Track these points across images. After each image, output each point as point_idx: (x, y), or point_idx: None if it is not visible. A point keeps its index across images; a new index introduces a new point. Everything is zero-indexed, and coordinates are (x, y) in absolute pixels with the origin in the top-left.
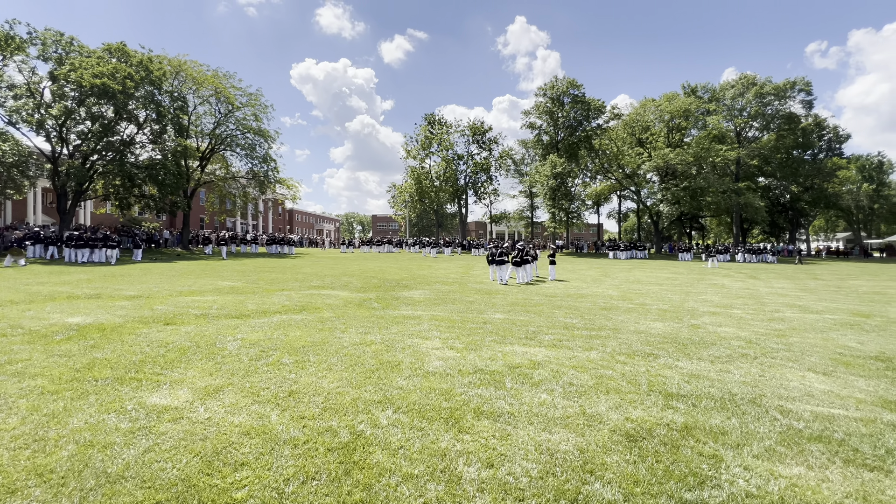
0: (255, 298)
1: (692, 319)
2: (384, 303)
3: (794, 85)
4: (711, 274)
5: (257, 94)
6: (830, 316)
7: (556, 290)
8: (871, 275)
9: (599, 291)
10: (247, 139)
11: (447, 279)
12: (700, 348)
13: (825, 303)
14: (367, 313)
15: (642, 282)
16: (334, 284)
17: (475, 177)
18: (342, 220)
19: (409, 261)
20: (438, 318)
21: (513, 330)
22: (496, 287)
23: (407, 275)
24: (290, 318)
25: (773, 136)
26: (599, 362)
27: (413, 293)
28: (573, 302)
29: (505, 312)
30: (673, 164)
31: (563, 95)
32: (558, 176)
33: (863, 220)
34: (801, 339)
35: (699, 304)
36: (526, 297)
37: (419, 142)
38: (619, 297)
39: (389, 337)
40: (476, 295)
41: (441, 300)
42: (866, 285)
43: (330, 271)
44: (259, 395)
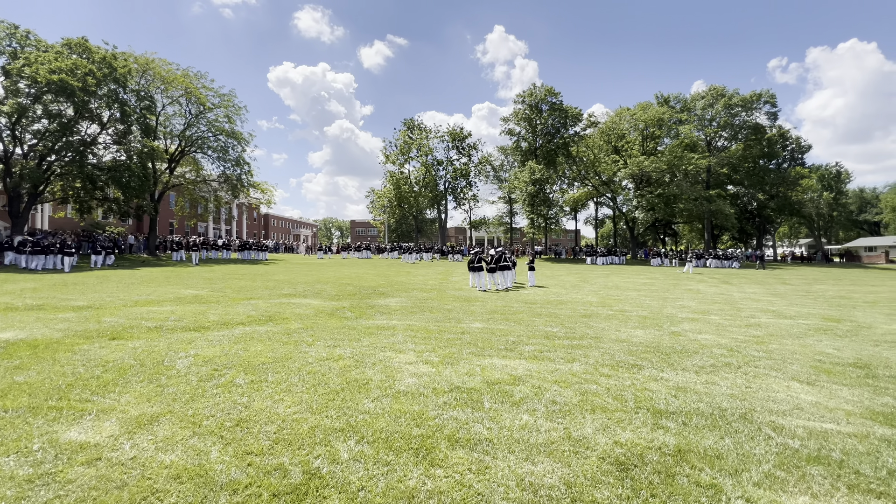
0: (218, 308)
1: (672, 326)
2: (358, 312)
3: (759, 97)
4: (686, 279)
5: (230, 96)
6: (804, 321)
7: (535, 297)
8: (835, 279)
9: (579, 298)
10: (219, 141)
11: (425, 286)
12: (683, 357)
13: (796, 308)
14: (339, 324)
15: (620, 287)
16: (307, 292)
17: (455, 182)
18: (320, 226)
19: (387, 267)
20: (414, 328)
21: (492, 340)
22: (475, 294)
23: (384, 282)
24: (253, 331)
25: (741, 146)
26: (583, 375)
27: (389, 301)
28: (553, 309)
29: (484, 321)
30: (648, 172)
31: (541, 103)
32: (537, 182)
33: (823, 227)
34: (779, 345)
35: (677, 311)
36: (505, 305)
37: (398, 146)
38: (599, 304)
39: (360, 351)
40: (454, 302)
41: (418, 308)
42: (832, 290)
43: (304, 278)
44: (201, 426)
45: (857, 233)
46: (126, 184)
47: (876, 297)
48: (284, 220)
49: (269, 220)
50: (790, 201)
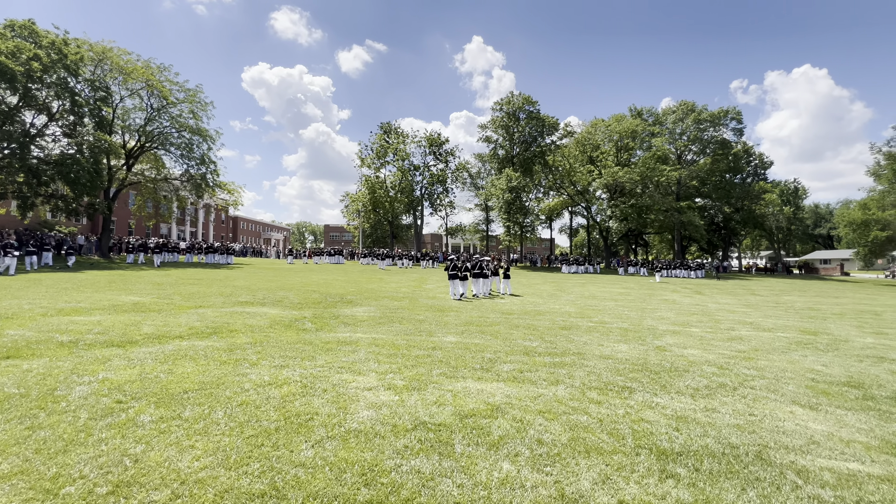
0: (157, 318)
1: (656, 340)
2: (320, 323)
3: (727, 113)
4: (661, 289)
5: (196, 91)
6: (782, 334)
7: (511, 307)
8: (800, 291)
9: (556, 308)
10: (182, 138)
11: (397, 294)
12: (674, 377)
13: (772, 319)
14: (295, 337)
15: (597, 297)
16: (266, 300)
17: (431, 188)
18: (293, 230)
19: (359, 273)
20: (380, 342)
21: (466, 358)
22: (450, 303)
23: (354, 289)
24: (190, 346)
25: (709, 160)
26: (570, 403)
27: (356, 310)
28: (531, 320)
29: (458, 334)
30: (622, 182)
31: (518, 111)
32: (514, 190)
33: (782, 240)
34: (768, 361)
35: (657, 323)
36: (481, 316)
37: (374, 150)
38: (578, 315)
39: (312, 372)
40: (427, 312)
41: (387, 319)
42: (799, 301)
43: (266, 284)
44: (57, 496)
45: (811, 246)
46: (75, 179)
47: (842, 308)
48: (255, 224)
49: (239, 223)
50: (754, 214)
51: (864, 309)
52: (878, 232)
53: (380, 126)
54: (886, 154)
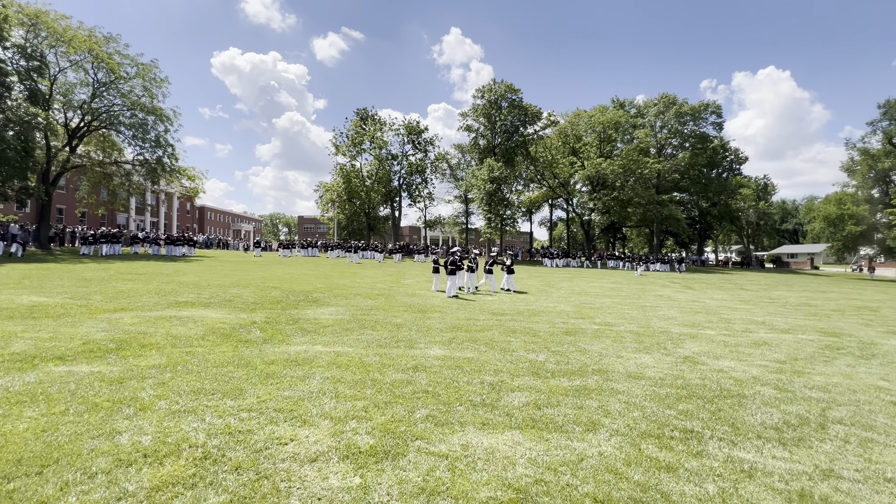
0: (48, 328)
1: (677, 348)
2: (271, 330)
3: (707, 107)
4: (649, 284)
5: (150, 66)
6: (804, 336)
7: (502, 306)
8: (786, 285)
9: (551, 306)
10: (135, 118)
11: (372, 291)
12: (735, 407)
13: (779, 318)
14: (229, 354)
15: (589, 293)
16: (213, 300)
17: (409, 178)
18: (266, 221)
19: (331, 267)
20: (344, 360)
21: (460, 385)
22: (431, 302)
23: (323, 284)
24: (63, 375)
25: (688, 154)
26: (627, 469)
27: (322, 312)
28: (527, 323)
29: (445, 344)
30: (605, 174)
31: (500, 99)
32: (495, 180)
33: (751, 235)
34: (822, 377)
35: (667, 324)
36: (469, 317)
37: (349, 138)
38: (577, 315)
39: (229, 423)
40: (406, 314)
41: (357, 323)
42: (791, 296)
43: (221, 279)
44: None
45: (778, 240)
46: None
47: (836, 304)
48: (223, 214)
49: (206, 213)
50: (730, 209)
51: (857, 304)
52: (852, 227)
53: (356, 112)
54: (861, 150)
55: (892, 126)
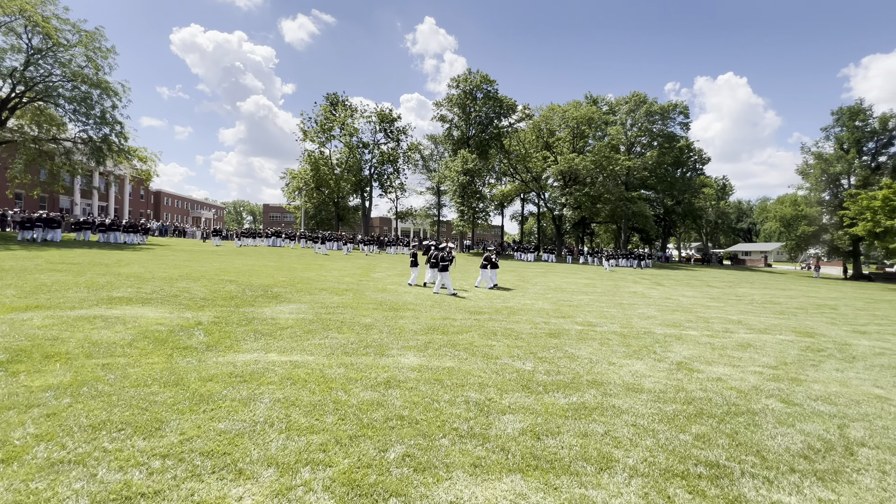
0: None
1: (667, 352)
2: (218, 333)
3: (675, 107)
4: (621, 280)
5: (94, 34)
6: (783, 337)
7: (479, 304)
8: (746, 282)
9: (528, 303)
10: (77, 90)
11: (339, 286)
12: (752, 428)
13: (752, 316)
14: (159, 367)
15: (565, 289)
16: (154, 295)
17: (381, 168)
18: (229, 209)
19: (296, 258)
20: (301, 375)
21: (441, 406)
22: (404, 299)
23: (285, 278)
24: None
25: (655, 153)
26: None
27: (281, 310)
28: (507, 322)
29: (420, 350)
30: (577, 169)
31: (476, 90)
32: (469, 172)
33: (709, 233)
34: (821, 386)
35: (647, 323)
36: (445, 316)
37: (318, 123)
38: (556, 313)
39: (123, 485)
40: (376, 312)
41: (321, 324)
42: (755, 293)
43: (170, 271)
44: None
45: (733, 238)
46: None
47: (798, 301)
48: (182, 200)
49: (162, 199)
50: (693, 207)
51: (816, 302)
52: (805, 227)
53: (325, 97)
54: (815, 154)
55: (844, 132)
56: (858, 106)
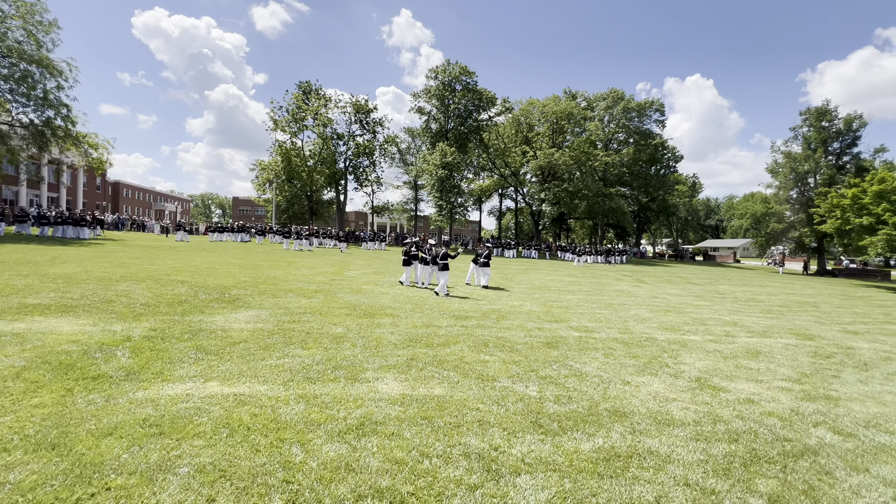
0: None
1: (678, 364)
2: (149, 354)
3: (652, 104)
4: (604, 278)
5: (35, 5)
6: (784, 340)
7: (463, 306)
8: (724, 279)
9: (516, 305)
10: (15, 68)
11: (308, 286)
12: (823, 476)
13: (744, 316)
14: (41, 414)
15: (550, 288)
16: (83, 301)
17: (356, 160)
18: (197, 202)
19: (264, 255)
20: (245, 419)
21: (435, 471)
22: (381, 301)
23: (248, 277)
24: None
25: (632, 150)
26: None
27: (237, 318)
28: (497, 329)
29: (402, 370)
30: (556, 164)
31: (454, 81)
32: (448, 166)
33: (679, 229)
34: (861, 407)
35: (644, 327)
36: (428, 323)
37: (290, 112)
38: (548, 316)
39: None
40: (349, 319)
41: (282, 336)
42: (737, 291)
43: (112, 270)
44: None
45: (702, 235)
46: None
47: (779, 300)
48: (143, 192)
49: (121, 190)
50: (667, 204)
51: (795, 299)
52: (775, 224)
53: (298, 85)
54: (785, 153)
55: (812, 132)
56: (825, 107)
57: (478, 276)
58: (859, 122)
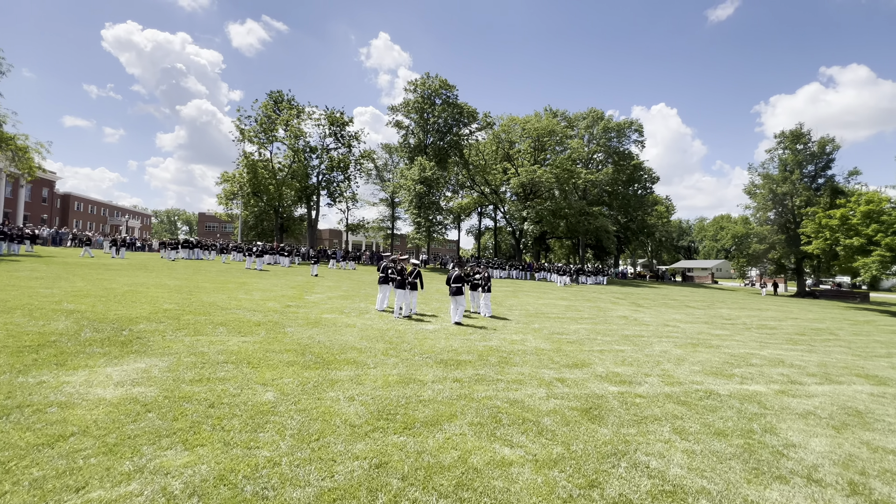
0: None
1: (789, 448)
2: None
3: (631, 125)
4: (597, 300)
5: None
6: (859, 387)
7: (451, 343)
8: (718, 301)
9: (518, 340)
10: None
11: (252, 317)
12: None
13: (779, 350)
14: None
15: (548, 315)
16: None
17: (330, 174)
18: (162, 217)
19: (215, 275)
20: None
21: None
22: (342, 339)
23: (174, 304)
24: None
25: (611, 170)
26: None
27: (108, 374)
28: (505, 385)
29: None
30: (539, 181)
31: (434, 95)
32: (426, 181)
33: (654, 250)
34: None
35: (686, 371)
36: (405, 375)
37: (258, 121)
38: (561, 357)
39: None
40: (290, 372)
41: (162, 416)
42: (740, 315)
43: None
44: None
45: (674, 256)
46: None
47: (789, 325)
48: (98, 205)
49: (71, 203)
50: (647, 224)
51: (808, 326)
52: (756, 245)
53: (268, 94)
54: (763, 175)
55: (787, 154)
56: (798, 130)
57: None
58: (832, 145)
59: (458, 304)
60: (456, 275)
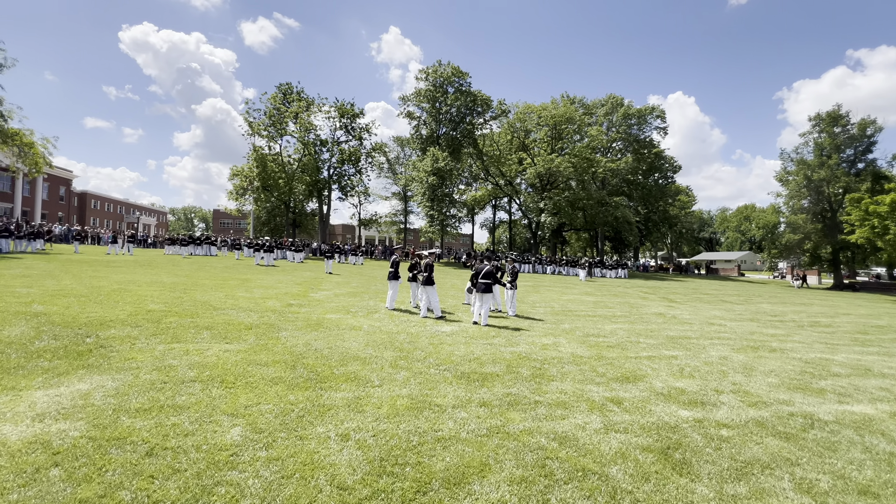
0: None
1: None
2: None
3: (652, 111)
4: (625, 295)
5: None
6: None
7: (471, 349)
8: (756, 295)
9: (549, 345)
10: None
11: (246, 318)
12: None
13: (851, 353)
14: None
15: (577, 314)
16: None
17: (341, 168)
18: (178, 215)
19: (218, 271)
20: None
21: None
22: (344, 345)
23: (162, 304)
24: None
25: (630, 158)
26: None
27: (33, 401)
28: (545, 408)
29: None
30: (557, 171)
31: (447, 83)
32: (439, 173)
33: (674, 242)
34: None
35: (761, 385)
36: (420, 400)
37: (267, 114)
38: (606, 367)
39: None
40: (271, 394)
41: (66, 475)
42: (786, 311)
43: None
44: None
45: (694, 248)
46: None
47: (844, 322)
48: (114, 203)
49: (88, 201)
50: (668, 215)
51: (865, 322)
52: (790, 235)
53: (277, 87)
54: (798, 161)
55: (824, 137)
56: (837, 111)
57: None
58: (874, 127)
59: (485, 303)
60: (487, 269)
